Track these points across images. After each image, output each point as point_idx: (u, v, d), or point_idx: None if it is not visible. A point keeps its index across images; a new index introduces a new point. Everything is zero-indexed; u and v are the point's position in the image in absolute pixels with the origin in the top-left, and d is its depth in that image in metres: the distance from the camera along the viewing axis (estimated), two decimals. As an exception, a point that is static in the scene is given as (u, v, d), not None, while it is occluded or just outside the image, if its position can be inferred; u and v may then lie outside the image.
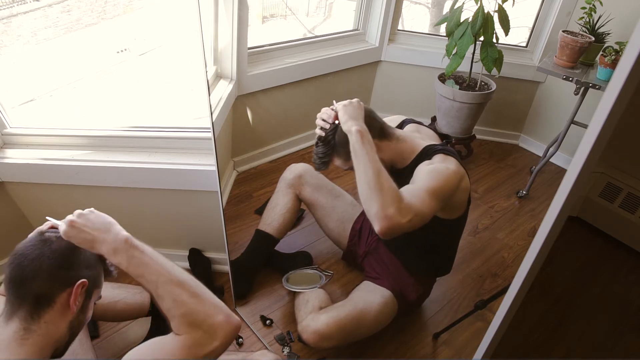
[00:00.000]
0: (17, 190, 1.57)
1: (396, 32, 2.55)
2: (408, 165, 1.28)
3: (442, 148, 1.25)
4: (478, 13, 1.95)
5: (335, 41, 2.42)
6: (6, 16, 1.69)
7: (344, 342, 1.34)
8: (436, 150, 1.24)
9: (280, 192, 1.68)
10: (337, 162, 1.31)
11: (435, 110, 2.39)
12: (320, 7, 3.65)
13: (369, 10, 2.46)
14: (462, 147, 2.46)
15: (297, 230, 1.92)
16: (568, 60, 1.95)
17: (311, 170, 1.67)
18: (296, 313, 1.46)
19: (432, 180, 1.14)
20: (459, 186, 1.20)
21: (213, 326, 0.77)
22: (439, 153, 1.23)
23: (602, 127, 0.51)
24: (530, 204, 2.19)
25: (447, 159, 1.21)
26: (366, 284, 1.48)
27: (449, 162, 1.20)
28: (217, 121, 1.72)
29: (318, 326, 1.29)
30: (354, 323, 1.32)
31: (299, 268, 1.61)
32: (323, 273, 1.55)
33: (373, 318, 1.36)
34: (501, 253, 1.89)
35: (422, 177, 1.16)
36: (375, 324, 1.37)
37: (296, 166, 1.69)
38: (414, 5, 3.70)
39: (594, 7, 1.90)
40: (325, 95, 2.44)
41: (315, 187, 1.65)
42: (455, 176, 1.18)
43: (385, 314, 1.39)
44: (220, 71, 1.96)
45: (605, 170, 2.03)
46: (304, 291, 1.48)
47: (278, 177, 1.69)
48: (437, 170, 1.17)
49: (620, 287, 1.84)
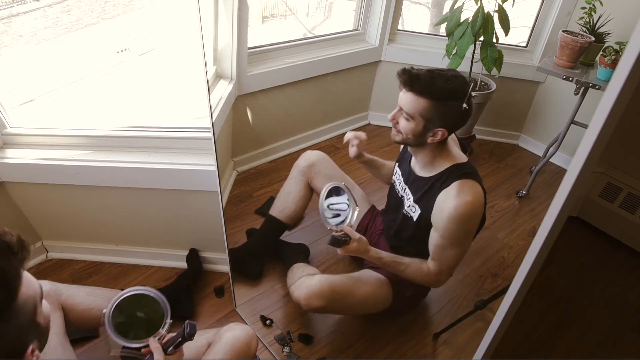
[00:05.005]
0: (17, 190, 1.57)
1: (396, 32, 2.55)
2: (431, 177, 1.27)
3: (463, 172, 1.22)
4: (478, 13, 1.95)
5: (335, 41, 2.42)
6: (6, 16, 1.69)
7: (334, 305, 1.34)
8: (457, 175, 1.21)
9: (292, 179, 1.68)
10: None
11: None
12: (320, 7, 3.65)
13: (369, 10, 2.46)
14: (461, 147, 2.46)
15: (297, 230, 1.91)
16: (568, 60, 1.95)
17: (325, 159, 1.66)
18: (289, 279, 1.50)
19: (455, 232, 1.20)
20: (478, 216, 1.20)
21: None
22: (459, 179, 1.20)
23: (602, 127, 0.51)
24: (530, 204, 2.19)
25: (465, 186, 1.18)
26: (365, 270, 1.49)
27: (467, 193, 1.18)
28: (217, 121, 1.72)
29: (311, 283, 1.32)
30: (345, 289, 1.35)
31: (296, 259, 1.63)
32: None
33: (365, 293, 1.38)
34: (501, 253, 1.89)
35: (445, 228, 1.21)
36: (367, 299, 1.39)
37: (310, 154, 1.68)
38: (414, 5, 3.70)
39: (594, 7, 1.90)
40: (325, 95, 2.44)
41: (327, 177, 1.64)
42: (476, 211, 1.19)
43: (377, 296, 1.41)
44: (220, 71, 1.96)
45: (605, 170, 2.03)
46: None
47: (278, 177, 1.69)
48: (458, 216, 1.17)
49: (620, 287, 1.84)
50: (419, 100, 1.14)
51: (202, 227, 1.64)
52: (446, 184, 1.22)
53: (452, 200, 1.18)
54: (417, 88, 1.13)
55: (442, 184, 1.23)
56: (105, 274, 1.69)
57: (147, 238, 1.70)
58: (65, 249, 1.74)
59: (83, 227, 1.70)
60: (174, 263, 1.71)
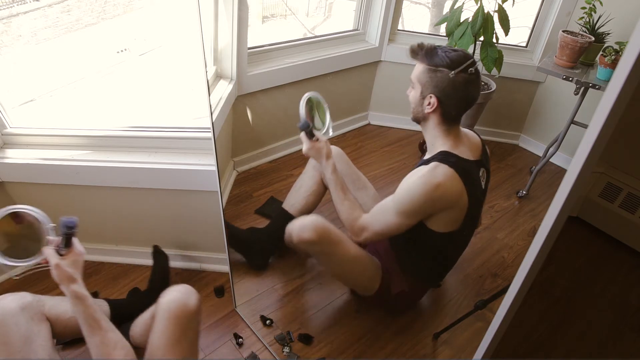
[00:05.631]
0: (17, 190, 1.57)
1: (396, 32, 2.55)
2: (423, 160, 1.29)
3: (443, 158, 1.22)
4: (478, 13, 1.95)
5: (335, 41, 2.42)
6: (6, 16, 1.69)
7: (323, 247, 1.36)
8: (438, 158, 1.23)
9: (307, 174, 1.68)
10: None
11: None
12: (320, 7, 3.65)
13: (369, 10, 2.46)
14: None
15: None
16: (568, 60, 1.95)
17: (340, 155, 1.66)
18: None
19: (400, 195, 1.24)
20: (433, 196, 1.19)
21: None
22: (436, 161, 1.22)
23: (602, 127, 0.51)
24: (530, 204, 2.19)
25: (437, 167, 1.20)
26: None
27: (431, 173, 1.19)
28: (217, 121, 1.72)
29: (306, 218, 1.36)
30: (339, 236, 1.37)
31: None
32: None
33: (356, 255, 1.39)
34: (501, 253, 1.89)
35: (397, 190, 1.26)
36: (355, 262, 1.40)
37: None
38: (414, 5, 3.70)
39: (594, 7, 1.90)
40: (325, 95, 2.42)
41: (342, 174, 1.63)
42: (426, 187, 1.19)
43: (366, 268, 1.42)
44: (220, 71, 1.96)
45: (605, 170, 2.03)
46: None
47: (278, 177, 1.69)
48: (409, 183, 1.23)
49: (620, 287, 1.84)
50: (419, 66, 1.25)
51: (202, 227, 1.64)
52: (426, 163, 1.24)
53: (415, 172, 1.23)
54: (420, 56, 1.24)
55: (422, 164, 1.25)
56: (105, 274, 1.69)
57: (147, 238, 1.70)
58: (65, 249, 1.74)
59: (83, 227, 1.69)
60: (174, 263, 1.71)
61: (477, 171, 1.29)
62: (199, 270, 1.72)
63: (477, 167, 1.30)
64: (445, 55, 1.19)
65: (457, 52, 1.20)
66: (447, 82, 1.19)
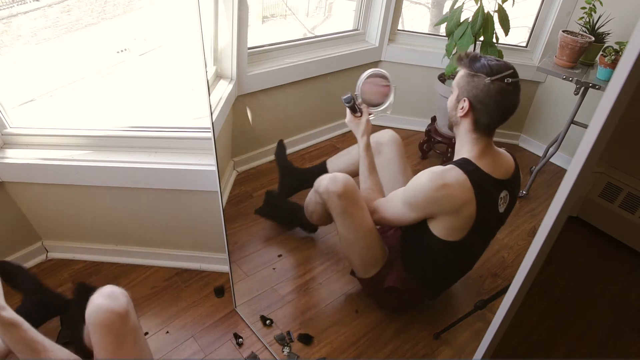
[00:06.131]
0: (17, 190, 1.57)
1: (396, 32, 2.55)
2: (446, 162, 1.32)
3: (460, 163, 1.24)
4: (478, 13, 1.95)
5: (335, 41, 2.42)
6: (6, 16, 1.69)
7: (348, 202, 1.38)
8: (457, 162, 1.25)
9: (356, 147, 1.66)
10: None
11: (436, 110, 2.39)
12: (320, 7, 3.65)
13: (369, 10, 2.46)
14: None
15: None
16: (568, 60, 1.95)
17: (395, 142, 1.66)
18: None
19: (409, 187, 1.28)
20: (437, 195, 1.20)
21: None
22: (454, 164, 1.24)
23: (602, 127, 0.51)
24: (530, 204, 2.19)
25: (451, 170, 1.21)
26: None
27: (443, 172, 1.21)
28: (217, 121, 1.72)
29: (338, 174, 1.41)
30: (363, 202, 1.41)
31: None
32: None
33: (370, 228, 1.41)
34: (501, 253, 1.89)
35: (409, 182, 1.29)
36: (367, 233, 1.41)
37: (385, 132, 1.70)
38: (414, 5, 3.70)
39: (594, 7, 1.90)
40: (325, 95, 2.43)
41: (387, 161, 1.65)
42: (431, 184, 1.20)
43: (376, 245, 1.43)
44: (220, 71, 1.96)
45: (605, 170, 2.03)
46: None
47: (278, 177, 1.68)
48: (419, 176, 1.25)
49: (620, 287, 1.84)
50: (461, 72, 1.27)
51: (202, 227, 1.64)
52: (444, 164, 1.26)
53: (431, 168, 1.25)
54: (464, 62, 1.26)
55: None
56: (105, 274, 1.69)
57: (147, 238, 1.70)
58: (65, 249, 1.74)
59: (83, 227, 1.70)
60: (174, 263, 1.71)
61: (497, 190, 1.27)
62: (199, 270, 1.72)
63: (499, 187, 1.27)
64: (486, 63, 1.21)
65: (500, 62, 1.21)
66: (482, 88, 1.20)
